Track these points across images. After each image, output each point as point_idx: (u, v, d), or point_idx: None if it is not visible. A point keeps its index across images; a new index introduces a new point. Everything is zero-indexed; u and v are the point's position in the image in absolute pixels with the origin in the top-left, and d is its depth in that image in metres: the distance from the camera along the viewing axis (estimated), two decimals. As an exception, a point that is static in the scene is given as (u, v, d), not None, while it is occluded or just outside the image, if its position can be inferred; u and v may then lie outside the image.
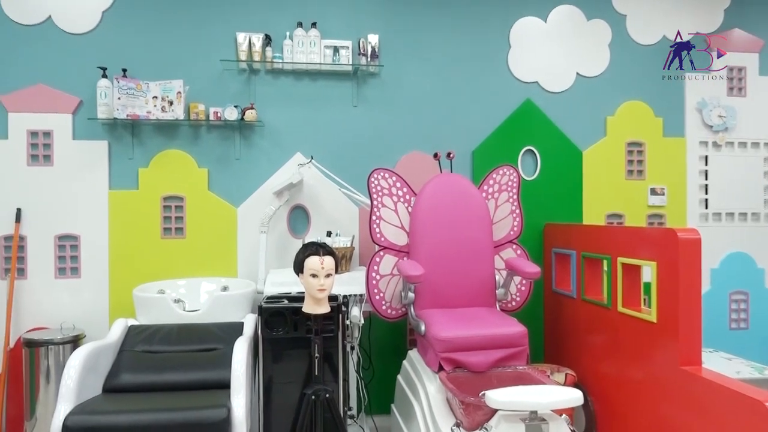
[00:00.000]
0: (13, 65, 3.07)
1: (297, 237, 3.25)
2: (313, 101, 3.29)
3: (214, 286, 3.11)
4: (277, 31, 3.21)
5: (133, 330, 2.70)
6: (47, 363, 2.82)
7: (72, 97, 3.11)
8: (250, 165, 3.24)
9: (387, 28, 3.34)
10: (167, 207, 3.18)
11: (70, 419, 2.08)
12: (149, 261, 3.15)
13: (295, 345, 2.44)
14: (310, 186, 3.26)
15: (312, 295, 2.22)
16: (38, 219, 3.08)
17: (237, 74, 3.23)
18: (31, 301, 3.07)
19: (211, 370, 2.51)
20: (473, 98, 3.43)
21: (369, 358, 3.19)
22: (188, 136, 3.20)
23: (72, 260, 3.11)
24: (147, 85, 3.04)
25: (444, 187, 2.86)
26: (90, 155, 3.11)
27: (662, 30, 3.57)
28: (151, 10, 3.17)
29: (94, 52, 3.11)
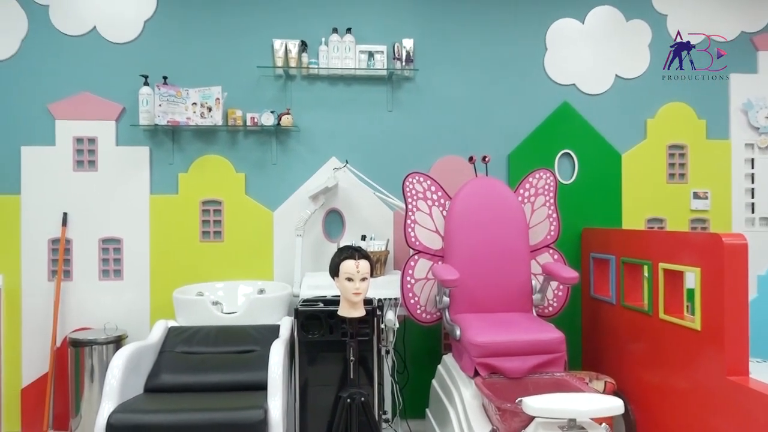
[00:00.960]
0: (61, 74, 3.18)
1: (332, 241, 3.28)
2: (348, 106, 3.31)
3: (250, 289, 3.16)
4: (312, 37, 3.25)
5: (173, 331, 2.76)
6: (91, 362, 2.91)
7: (115, 104, 3.20)
8: (286, 169, 3.28)
9: (422, 33, 3.34)
10: (206, 211, 3.25)
11: (114, 417, 2.14)
12: (188, 264, 3.21)
13: (331, 348, 2.46)
14: (345, 190, 3.28)
15: (347, 298, 2.23)
16: (83, 223, 3.18)
17: (273, 80, 3.28)
18: (77, 302, 3.17)
19: (249, 371, 2.55)
20: (509, 101, 3.40)
21: (404, 362, 3.18)
22: (226, 142, 3.26)
23: (115, 263, 3.20)
24: (187, 92, 3.11)
25: (479, 191, 2.84)
26: (132, 161, 3.20)
27: (705, 30, 3.48)
28: (191, 19, 3.25)
29: (137, 61, 3.20)
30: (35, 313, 3.14)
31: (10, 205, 3.15)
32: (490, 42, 3.39)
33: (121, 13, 3.22)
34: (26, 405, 3.12)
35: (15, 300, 3.14)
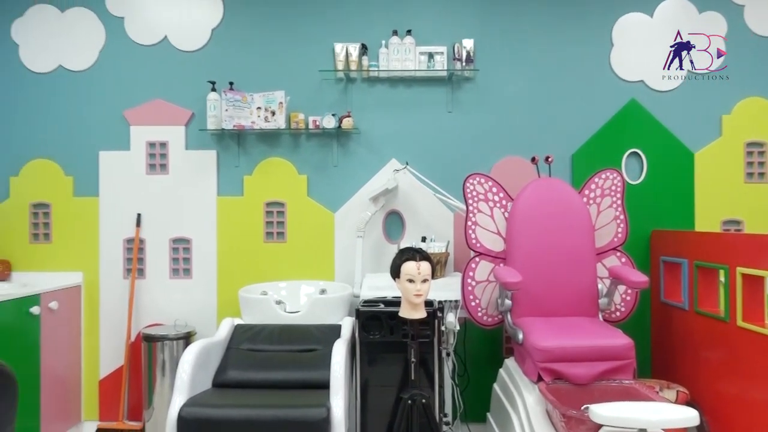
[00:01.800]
0: (135, 83, 3.35)
1: (392, 242, 3.29)
2: (408, 108, 3.32)
3: (312, 289, 3.21)
4: (373, 39, 3.27)
5: (239, 329, 2.85)
6: (163, 357, 3.04)
7: (185, 110, 3.34)
8: (347, 171, 3.32)
9: (482, 32, 3.31)
10: (269, 212, 3.33)
11: (185, 411, 2.23)
12: (253, 263, 3.31)
13: (391, 349, 2.46)
14: (405, 191, 3.28)
15: (408, 300, 2.23)
16: (155, 223, 3.33)
17: (334, 83, 3.33)
18: (149, 299, 3.32)
19: (311, 370, 2.60)
20: (573, 100, 3.31)
21: (464, 365, 3.15)
22: (289, 145, 3.34)
23: (184, 262, 3.33)
24: (251, 97, 3.20)
25: (542, 192, 2.78)
26: (200, 164, 3.33)
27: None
28: (255, 26, 3.34)
29: (205, 68, 3.33)
30: (112, 308, 3.32)
31: (89, 207, 3.34)
32: (553, 39, 3.32)
33: (190, 23, 3.35)
34: (103, 395, 3.30)
35: (94, 296, 3.32)
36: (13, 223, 3.33)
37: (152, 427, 3.02)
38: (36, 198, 3.34)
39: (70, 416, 3.20)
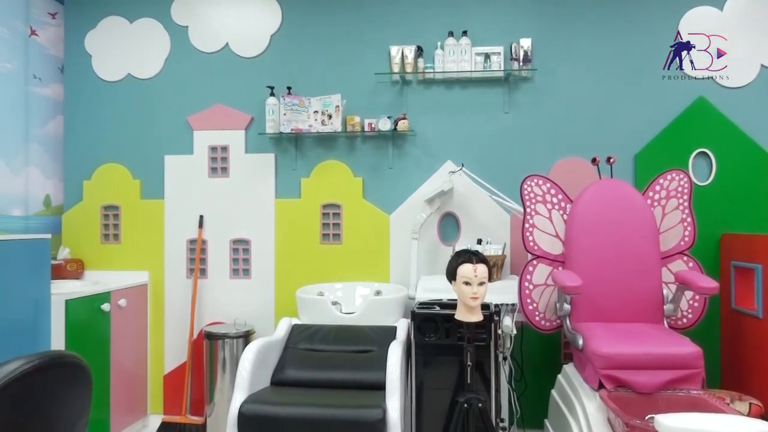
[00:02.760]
0: (198, 89, 3.47)
1: (447, 244, 3.27)
2: (463, 109, 3.30)
3: (367, 290, 3.24)
4: (428, 41, 3.27)
5: (297, 329, 2.90)
6: (223, 354, 3.13)
7: (245, 114, 3.43)
8: (402, 173, 3.33)
9: (540, 31, 3.25)
10: (326, 214, 3.38)
11: (245, 407, 2.29)
12: (309, 264, 3.36)
13: (447, 352, 2.46)
14: (460, 193, 3.26)
15: (465, 302, 2.21)
16: (217, 225, 3.44)
17: (390, 86, 3.35)
18: (211, 298, 3.43)
19: (367, 371, 2.62)
20: (636, 98, 3.20)
21: (521, 370, 3.10)
22: (345, 147, 3.38)
23: (244, 262, 3.42)
24: (309, 101, 3.26)
25: (604, 194, 2.70)
26: (260, 167, 3.41)
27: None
28: (313, 31, 3.40)
29: (264, 73, 3.41)
30: (176, 306, 3.45)
31: (156, 209, 3.48)
32: (616, 36, 3.22)
33: (250, 30, 3.44)
34: (168, 390, 3.44)
35: (159, 294, 3.46)
36: (86, 225, 3.52)
37: (213, 422, 3.11)
38: (106, 200, 3.51)
39: (137, 409, 3.35)
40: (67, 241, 3.51)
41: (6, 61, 3.13)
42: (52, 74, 3.50)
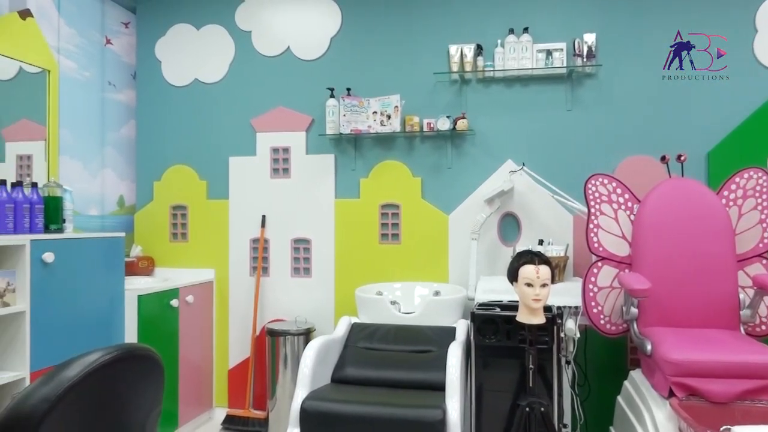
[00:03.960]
0: (261, 92, 3.56)
1: (507, 245, 3.22)
2: (524, 107, 3.24)
3: (426, 291, 3.23)
4: (488, 39, 3.23)
5: (356, 327, 2.94)
6: (285, 351, 3.20)
7: (305, 116, 3.50)
8: (461, 173, 3.31)
9: (605, 26, 3.14)
10: (384, 214, 3.40)
11: (306, 403, 2.34)
12: (368, 264, 3.39)
13: (507, 354, 2.42)
14: (521, 193, 3.20)
15: (527, 304, 2.18)
16: (278, 224, 3.52)
17: (449, 85, 3.33)
18: (272, 296, 3.52)
19: (426, 371, 2.61)
20: (708, 94, 3.05)
21: (585, 375, 3.01)
22: (404, 147, 3.39)
23: (305, 261, 3.49)
24: (368, 102, 3.29)
25: (674, 193, 2.59)
26: (320, 167, 3.47)
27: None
28: (372, 33, 3.43)
29: (324, 75, 3.47)
30: (239, 303, 3.55)
31: (221, 209, 3.60)
32: (685, 27, 3.07)
33: (311, 33, 3.50)
34: (232, 384, 3.55)
35: (224, 292, 3.58)
36: (157, 224, 3.68)
37: (275, 416, 3.19)
38: (175, 201, 3.67)
39: (203, 402, 3.47)
40: (139, 240, 3.68)
41: (84, 70, 3.31)
42: (125, 81, 3.68)
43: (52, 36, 3.07)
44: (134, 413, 1.30)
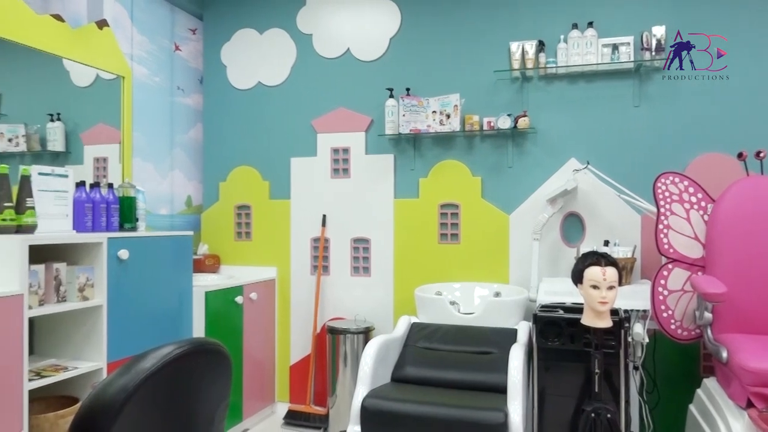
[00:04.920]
0: (322, 93, 3.62)
1: (570, 245, 3.14)
2: (588, 104, 3.14)
3: (486, 291, 3.20)
4: (550, 35, 3.16)
5: (416, 327, 2.94)
6: (345, 349, 3.24)
7: (365, 116, 3.53)
8: (522, 172, 3.25)
9: (675, 17, 3.00)
10: (444, 214, 3.38)
11: (367, 401, 2.36)
12: (428, 264, 3.38)
13: (571, 358, 2.36)
14: (585, 192, 3.11)
15: (592, 307, 2.12)
16: (338, 224, 3.57)
17: (510, 83, 3.27)
18: (333, 294, 3.57)
19: (487, 373, 2.58)
20: (790, 85, 2.87)
21: (653, 381, 2.89)
22: (463, 147, 3.36)
23: (364, 261, 3.52)
24: (427, 101, 3.28)
25: (753, 192, 2.45)
26: (379, 167, 3.49)
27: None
28: (431, 32, 3.42)
29: (383, 75, 3.48)
30: (300, 301, 3.63)
31: (283, 209, 3.69)
32: (760, 15, 2.90)
33: (370, 34, 3.53)
34: (293, 380, 3.62)
35: (286, 289, 3.66)
36: (222, 223, 3.81)
37: (335, 413, 3.24)
38: (239, 201, 3.78)
39: (266, 396, 3.56)
40: (206, 238, 3.82)
41: (155, 75, 3.47)
42: (193, 85, 3.83)
43: (126, 44, 3.23)
44: (204, 405, 1.35)
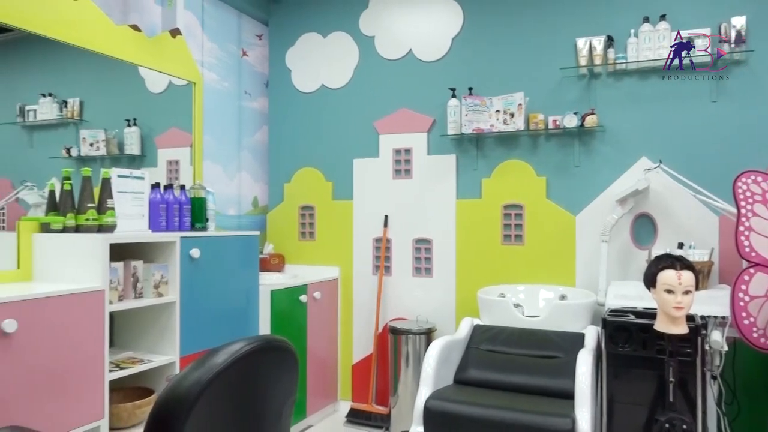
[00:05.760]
0: (384, 95, 3.64)
1: (641, 248, 3.02)
2: (661, 100, 3.01)
3: (551, 294, 3.12)
4: (619, 30, 3.05)
5: (478, 329, 2.90)
6: (406, 349, 3.24)
7: (427, 117, 3.52)
8: (589, 172, 3.15)
9: (757, 6, 2.83)
10: (507, 215, 3.32)
11: (430, 402, 2.35)
12: (490, 265, 3.34)
13: (643, 365, 2.27)
14: (657, 192, 2.98)
15: (667, 312, 2.02)
16: (400, 225, 3.58)
17: (576, 80, 3.18)
18: (394, 294, 3.58)
19: (553, 378, 2.52)
20: None
21: (733, 392, 2.74)
22: (527, 146, 3.29)
23: (426, 261, 3.51)
24: (490, 101, 3.24)
25: None
26: (441, 168, 3.47)
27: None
28: (494, 31, 3.37)
29: (445, 76, 3.47)
30: (362, 301, 3.66)
31: (345, 209, 3.73)
32: None
33: (432, 35, 3.52)
34: (356, 379, 3.66)
35: (348, 289, 3.71)
36: (287, 223, 3.90)
37: (397, 413, 3.24)
38: (303, 201, 3.86)
39: (329, 394, 3.62)
40: (271, 238, 3.92)
41: (224, 80, 3.59)
42: (259, 89, 3.94)
43: (197, 50, 3.36)
44: (272, 400, 1.39)
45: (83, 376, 2.02)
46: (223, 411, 1.21)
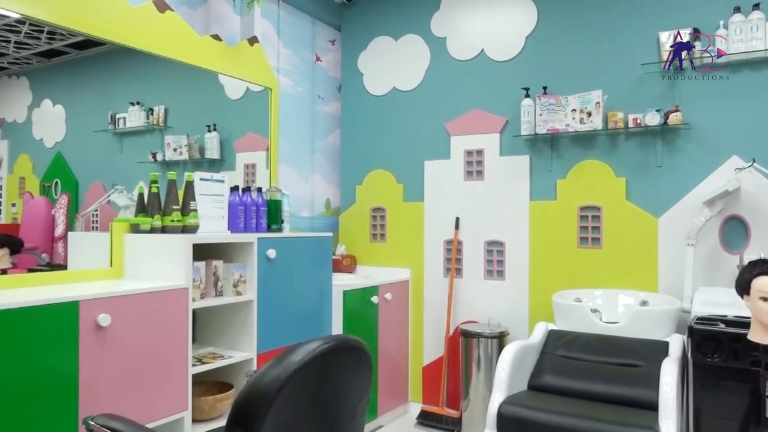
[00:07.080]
0: (455, 96, 3.62)
1: (732, 252, 2.83)
2: (754, 95, 2.82)
3: (631, 300, 2.99)
4: (707, 22, 2.88)
5: (554, 334, 2.82)
6: (478, 352, 3.20)
7: (499, 117, 3.47)
8: (673, 172, 2.99)
9: None
10: (584, 217, 3.22)
11: (504, 408, 2.31)
12: (565, 269, 3.24)
13: (734, 377, 2.13)
14: (749, 193, 2.79)
15: (762, 321, 1.89)
16: (471, 226, 3.54)
17: (659, 76, 3.03)
18: (466, 297, 3.55)
19: (634, 387, 2.41)
20: None
21: (837, 410, 2.52)
22: (605, 146, 3.17)
23: (498, 264, 3.46)
24: (566, 100, 3.15)
25: None
26: (514, 169, 3.41)
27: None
28: (569, 28, 3.27)
29: (518, 75, 3.40)
30: (433, 303, 3.65)
31: (416, 211, 3.74)
32: None
33: (505, 34, 3.46)
34: (426, 381, 3.65)
35: (419, 291, 3.71)
36: (358, 225, 3.95)
37: (468, 417, 3.21)
38: (375, 203, 3.90)
39: (400, 395, 3.63)
40: (343, 239, 3.99)
41: (298, 85, 3.69)
42: (332, 93, 4.01)
43: (273, 57, 3.47)
44: (346, 399, 1.41)
45: (168, 369, 2.13)
46: (301, 408, 1.25)
